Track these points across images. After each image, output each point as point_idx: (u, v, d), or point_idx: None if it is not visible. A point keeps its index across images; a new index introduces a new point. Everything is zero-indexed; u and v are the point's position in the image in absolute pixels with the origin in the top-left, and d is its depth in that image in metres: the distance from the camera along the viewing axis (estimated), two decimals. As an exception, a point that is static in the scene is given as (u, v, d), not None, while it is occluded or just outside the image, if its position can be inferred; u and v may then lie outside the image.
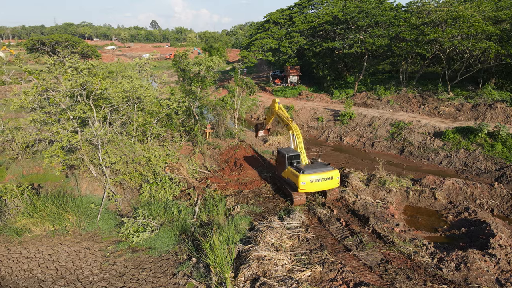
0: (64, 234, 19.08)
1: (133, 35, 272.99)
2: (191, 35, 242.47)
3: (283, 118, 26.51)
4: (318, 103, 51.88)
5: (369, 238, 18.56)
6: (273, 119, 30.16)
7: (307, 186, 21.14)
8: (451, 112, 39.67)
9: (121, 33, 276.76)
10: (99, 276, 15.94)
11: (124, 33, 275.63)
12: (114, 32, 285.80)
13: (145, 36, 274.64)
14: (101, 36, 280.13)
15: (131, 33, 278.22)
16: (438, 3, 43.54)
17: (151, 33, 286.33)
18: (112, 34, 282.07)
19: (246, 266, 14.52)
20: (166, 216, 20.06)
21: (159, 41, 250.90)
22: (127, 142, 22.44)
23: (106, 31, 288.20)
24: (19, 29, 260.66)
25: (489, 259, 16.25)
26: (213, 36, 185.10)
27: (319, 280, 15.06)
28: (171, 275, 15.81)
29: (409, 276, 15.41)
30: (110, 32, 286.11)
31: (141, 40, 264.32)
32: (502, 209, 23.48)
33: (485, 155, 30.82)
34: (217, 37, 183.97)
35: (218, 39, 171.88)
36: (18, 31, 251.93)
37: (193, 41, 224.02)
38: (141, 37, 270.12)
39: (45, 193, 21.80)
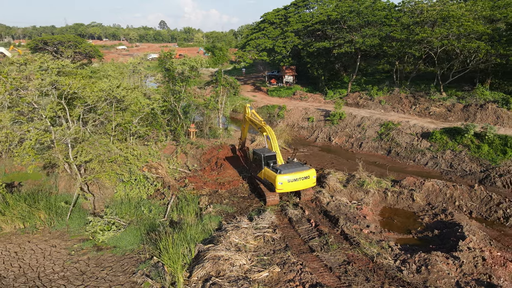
0: (33, 232, 19.24)
1: (142, 35, 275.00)
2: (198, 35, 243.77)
3: (256, 122, 26.40)
4: (311, 103, 51.66)
5: (336, 239, 18.41)
6: (247, 127, 29.61)
7: (284, 186, 21.06)
8: (441, 113, 39.19)
9: (130, 33, 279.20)
10: (60, 274, 16.03)
11: (132, 33, 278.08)
12: (123, 32, 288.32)
13: (153, 36, 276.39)
14: (110, 36, 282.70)
15: (140, 33, 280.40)
16: (432, 2, 43.03)
17: (159, 33, 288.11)
18: (121, 34, 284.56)
19: (201, 266, 14.50)
20: (136, 215, 20.11)
21: (167, 41, 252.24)
22: (102, 141, 22.56)
23: (115, 31, 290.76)
24: (30, 30, 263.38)
25: (452, 262, 16.01)
26: (217, 36, 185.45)
27: (276, 281, 14.97)
28: (130, 274, 15.83)
29: (368, 278, 15.25)
30: (119, 32, 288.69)
31: (150, 40, 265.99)
32: (481, 212, 23.14)
33: (471, 156, 30.39)
34: (221, 37, 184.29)
35: (222, 39, 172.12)
36: (29, 31, 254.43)
37: (200, 41, 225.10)
38: (150, 37, 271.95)
39: (19, 191, 21.98)
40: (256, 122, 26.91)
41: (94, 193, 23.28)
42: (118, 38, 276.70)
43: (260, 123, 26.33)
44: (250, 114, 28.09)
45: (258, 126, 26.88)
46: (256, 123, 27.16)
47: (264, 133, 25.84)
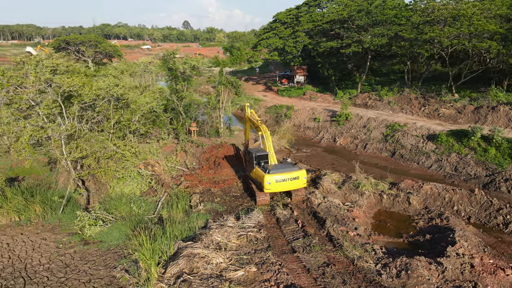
0: (27, 225, 19.93)
1: (165, 35, 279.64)
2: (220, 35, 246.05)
3: (253, 121, 26.31)
4: (320, 103, 51.19)
5: (320, 241, 18.19)
6: (249, 127, 29.50)
7: (272, 186, 20.98)
8: (451, 115, 38.05)
9: (154, 33, 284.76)
10: (45, 266, 16.54)
11: (156, 33, 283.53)
12: (148, 32, 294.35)
13: (176, 36, 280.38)
14: (135, 36, 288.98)
15: (164, 33, 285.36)
16: (445, 1, 41.81)
17: (182, 33, 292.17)
18: (146, 34, 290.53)
19: (175, 262, 14.65)
20: (126, 211, 20.50)
21: (190, 41, 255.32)
22: (99, 138, 23.11)
23: (140, 32, 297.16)
24: (59, 30, 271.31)
25: (435, 268, 15.56)
26: (235, 36, 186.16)
27: (251, 280, 14.96)
28: (111, 268, 16.18)
29: (345, 280, 15.03)
30: (144, 33, 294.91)
31: (173, 40, 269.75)
32: (480, 217, 22.37)
33: (477, 160, 29.37)
34: (239, 36, 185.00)
35: (240, 39, 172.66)
36: (58, 31, 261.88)
37: (221, 41, 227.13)
38: (173, 37, 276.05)
39: (18, 186, 22.79)
40: (254, 121, 26.89)
41: (90, 189, 23.89)
42: (142, 38, 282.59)
43: (257, 122, 26.29)
44: (249, 113, 28.10)
45: (255, 125, 26.85)
46: (253, 122, 27.15)
47: (259, 132, 25.80)
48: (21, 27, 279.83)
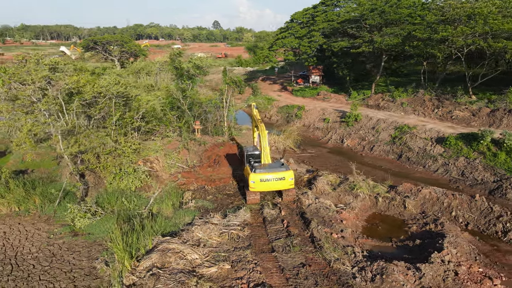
0: (25, 215, 20.93)
1: (195, 35, 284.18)
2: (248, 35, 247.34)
3: (255, 119, 26.29)
4: (332, 104, 50.56)
5: (302, 242, 18.07)
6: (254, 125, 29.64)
7: (257, 185, 21.05)
8: (465, 117, 36.62)
9: (184, 33, 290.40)
10: (34, 255, 17.35)
11: (187, 33, 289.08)
12: (178, 32, 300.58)
13: (206, 36, 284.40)
14: (166, 36, 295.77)
15: (194, 33, 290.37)
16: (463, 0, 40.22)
17: (212, 33, 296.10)
18: (176, 34, 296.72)
19: (148, 256, 15.00)
20: (118, 205, 21.12)
21: (219, 41, 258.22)
22: (99, 135, 23.94)
23: (171, 32, 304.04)
24: (95, 30, 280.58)
25: (412, 274, 15.12)
26: (259, 36, 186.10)
27: (223, 277, 15.10)
28: (94, 259, 16.76)
29: (318, 282, 14.89)
30: (175, 33, 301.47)
31: (202, 40, 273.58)
32: (478, 224, 21.51)
33: (485, 164, 28.15)
34: (263, 36, 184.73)
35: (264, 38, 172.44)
36: (94, 31, 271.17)
37: (249, 41, 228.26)
38: (202, 37, 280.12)
39: (23, 178, 23.96)
40: (255, 119, 26.85)
41: (90, 183, 24.77)
42: (173, 38, 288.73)
43: (257, 121, 26.30)
44: (255, 112, 28.08)
45: (255, 124, 26.96)
46: (255, 120, 27.26)
47: (258, 131, 25.85)
48: (60, 28, 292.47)
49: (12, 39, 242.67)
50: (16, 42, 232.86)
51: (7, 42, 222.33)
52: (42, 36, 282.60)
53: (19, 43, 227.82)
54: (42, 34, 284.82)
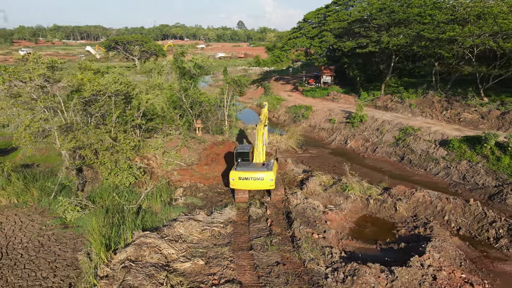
0: (22, 207, 21.90)
1: (219, 35, 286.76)
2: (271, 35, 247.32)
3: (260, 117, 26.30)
4: (341, 104, 50.04)
5: (282, 241, 18.16)
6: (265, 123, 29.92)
7: (235, 183, 21.28)
8: (473, 120, 35.51)
9: (208, 33, 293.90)
10: (24, 244, 18.18)
11: (211, 33, 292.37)
12: (203, 33, 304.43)
13: (230, 36, 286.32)
14: (191, 36, 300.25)
15: (218, 33, 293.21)
16: None
17: (236, 33, 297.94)
18: (201, 34, 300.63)
19: (124, 249, 15.46)
20: (109, 199, 21.78)
21: (243, 41, 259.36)
22: (97, 131, 24.70)
23: (196, 32, 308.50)
24: (122, 30, 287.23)
25: (385, 276, 14.95)
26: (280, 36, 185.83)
27: (196, 273, 15.41)
28: (78, 251, 17.40)
29: (288, 281, 14.96)
30: (199, 33, 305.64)
31: (226, 40, 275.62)
32: (471, 229, 20.94)
33: (488, 168, 27.27)
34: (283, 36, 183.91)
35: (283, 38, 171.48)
36: (121, 32, 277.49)
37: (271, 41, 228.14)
38: (227, 37, 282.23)
39: (22, 171, 25.05)
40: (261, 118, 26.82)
41: (88, 178, 25.63)
42: (198, 38, 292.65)
43: (259, 121, 26.36)
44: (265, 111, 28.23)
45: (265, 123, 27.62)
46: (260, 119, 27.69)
47: (254, 130, 26.05)
48: (89, 28, 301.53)
49: (44, 39, 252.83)
50: (48, 42, 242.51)
51: (39, 42, 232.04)
52: (72, 36, 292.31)
53: (50, 43, 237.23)
54: (72, 35, 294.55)
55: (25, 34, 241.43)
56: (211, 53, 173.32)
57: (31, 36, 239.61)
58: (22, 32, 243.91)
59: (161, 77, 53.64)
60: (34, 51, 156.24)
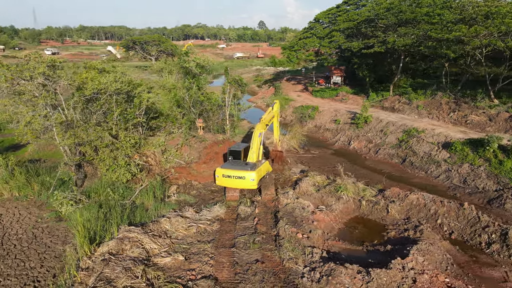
0: (23, 200, 22.82)
1: (240, 35, 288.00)
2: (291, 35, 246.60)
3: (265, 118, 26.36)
4: (349, 105, 49.61)
5: (265, 239, 18.32)
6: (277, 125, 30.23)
7: (219, 180, 21.65)
8: (480, 122, 34.60)
9: (229, 33, 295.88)
10: (18, 236, 18.97)
11: (232, 33, 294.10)
12: (224, 33, 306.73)
13: (251, 36, 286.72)
14: (212, 36, 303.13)
15: (239, 33, 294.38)
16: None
17: (256, 33, 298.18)
18: (222, 34, 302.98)
19: (106, 243, 15.97)
20: (104, 195, 22.43)
21: (263, 41, 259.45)
22: (96, 129, 25.48)
23: (217, 32, 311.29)
24: (145, 31, 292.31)
25: (361, 278, 14.90)
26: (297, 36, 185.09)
27: (176, 268, 15.77)
28: (67, 243, 18.06)
29: (264, 279, 15.12)
30: (220, 33, 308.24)
31: (247, 40, 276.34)
32: (463, 233, 20.55)
33: (489, 172, 26.57)
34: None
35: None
36: (144, 32, 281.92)
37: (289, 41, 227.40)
38: (247, 37, 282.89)
39: (26, 166, 26.06)
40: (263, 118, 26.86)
41: (88, 173, 26.45)
42: (218, 38, 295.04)
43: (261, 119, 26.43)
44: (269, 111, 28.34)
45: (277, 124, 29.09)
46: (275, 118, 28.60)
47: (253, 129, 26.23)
48: (114, 28, 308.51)
49: (71, 39, 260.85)
50: (74, 42, 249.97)
51: (65, 42, 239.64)
52: (97, 36, 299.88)
53: (76, 43, 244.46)
54: (97, 35, 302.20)
55: (52, 35, 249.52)
56: (230, 53, 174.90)
57: (58, 36, 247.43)
58: (49, 32, 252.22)
59: (171, 76, 54.66)
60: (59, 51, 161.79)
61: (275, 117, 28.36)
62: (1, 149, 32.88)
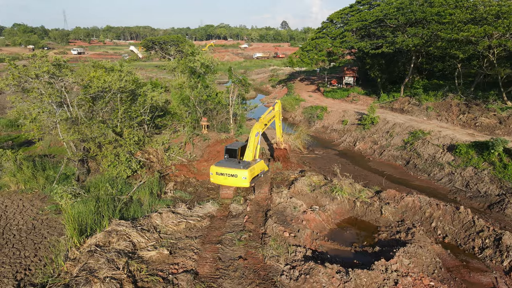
0: (27, 193, 23.88)
1: (262, 35, 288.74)
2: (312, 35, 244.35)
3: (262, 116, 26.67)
4: (359, 106, 49.12)
5: (252, 237, 18.56)
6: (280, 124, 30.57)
7: (213, 177, 21.92)
8: (490, 124, 33.65)
9: (252, 33, 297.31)
10: (19, 226, 19.90)
11: (254, 33, 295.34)
12: (246, 33, 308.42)
13: (273, 36, 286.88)
14: (234, 36, 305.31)
15: (261, 33, 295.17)
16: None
17: (279, 33, 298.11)
18: (244, 35, 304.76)
19: (95, 235, 16.61)
20: (103, 190, 23.20)
21: (286, 41, 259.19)
22: (100, 126, 26.36)
23: (240, 32, 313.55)
24: (169, 31, 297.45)
25: (340, 278, 14.94)
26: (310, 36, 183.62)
27: (160, 261, 16.22)
28: (62, 235, 18.83)
29: (244, 275, 15.39)
30: (243, 33, 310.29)
31: (269, 40, 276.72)
32: (457, 237, 20.22)
33: (493, 176, 25.88)
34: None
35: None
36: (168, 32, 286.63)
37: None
38: (269, 37, 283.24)
39: (33, 160, 27.20)
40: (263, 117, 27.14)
41: (92, 169, 27.38)
42: (241, 38, 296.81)
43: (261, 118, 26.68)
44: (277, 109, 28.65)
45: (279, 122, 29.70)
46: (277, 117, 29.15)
47: None
48: (139, 29, 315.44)
49: (97, 39, 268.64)
50: (100, 42, 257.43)
51: (92, 42, 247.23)
52: (123, 36, 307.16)
53: (102, 43, 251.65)
54: (123, 35, 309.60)
55: (80, 35, 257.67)
56: (251, 53, 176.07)
57: (85, 36, 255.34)
58: (77, 32, 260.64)
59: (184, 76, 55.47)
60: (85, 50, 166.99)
61: (277, 116, 28.52)
62: (16, 144, 34.37)
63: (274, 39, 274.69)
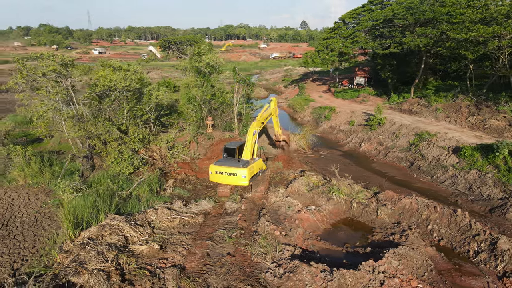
0: (34, 187, 24.84)
1: (281, 35, 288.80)
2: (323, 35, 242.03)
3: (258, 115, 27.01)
4: (368, 106, 48.68)
5: (243, 235, 18.82)
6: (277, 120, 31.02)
7: (213, 176, 22.23)
8: (499, 127, 32.85)
9: (271, 33, 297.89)
10: (23, 219, 20.76)
11: (273, 33, 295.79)
12: (265, 33, 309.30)
13: (292, 36, 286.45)
14: (253, 36, 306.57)
15: (280, 33, 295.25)
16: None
17: (298, 33, 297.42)
18: (263, 35, 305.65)
19: (89, 229, 17.21)
20: (104, 185, 23.91)
21: (305, 41, 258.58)
22: (105, 123, 27.16)
23: (259, 32, 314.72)
24: (189, 31, 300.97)
25: (323, 276, 15.03)
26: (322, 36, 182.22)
27: (150, 256, 16.68)
28: (61, 228, 19.56)
29: (230, 271, 15.67)
30: (262, 33, 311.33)
31: (288, 40, 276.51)
32: (453, 241, 19.94)
33: (497, 179, 25.31)
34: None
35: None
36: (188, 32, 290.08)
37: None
38: (288, 37, 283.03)
39: (41, 155, 28.22)
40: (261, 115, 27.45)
41: (96, 165, 28.21)
42: (260, 38, 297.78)
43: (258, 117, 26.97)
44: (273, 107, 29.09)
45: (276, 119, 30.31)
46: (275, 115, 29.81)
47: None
48: (159, 29, 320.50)
49: (119, 39, 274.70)
50: (122, 42, 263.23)
51: (114, 42, 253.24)
52: (144, 36, 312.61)
53: (124, 43, 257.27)
54: (144, 35, 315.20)
55: (102, 35, 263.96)
56: (268, 53, 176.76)
57: (107, 36, 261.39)
58: (100, 33, 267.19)
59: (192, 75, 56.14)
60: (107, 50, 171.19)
61: (273, 113, 28.88)
62: (28, 140, 35.68)
63: (293, 39, 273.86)
